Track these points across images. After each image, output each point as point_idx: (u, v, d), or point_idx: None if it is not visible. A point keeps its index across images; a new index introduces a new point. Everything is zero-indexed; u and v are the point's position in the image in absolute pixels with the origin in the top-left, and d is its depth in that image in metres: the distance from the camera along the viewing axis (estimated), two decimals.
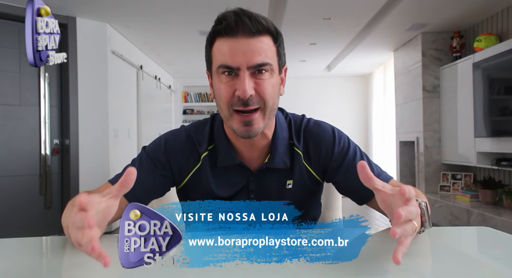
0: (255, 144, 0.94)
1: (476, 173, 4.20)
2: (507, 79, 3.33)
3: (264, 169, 0.95)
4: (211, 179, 0.95)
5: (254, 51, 0.83)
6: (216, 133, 0.97)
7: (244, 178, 0.95)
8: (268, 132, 0.94)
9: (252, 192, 0.95)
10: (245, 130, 0.86)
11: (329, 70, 6.96)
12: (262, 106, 0.86)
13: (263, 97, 0.85)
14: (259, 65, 0.83)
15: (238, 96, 0.83)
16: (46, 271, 0.72)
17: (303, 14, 3.89)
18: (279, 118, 0.98)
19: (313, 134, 0.98)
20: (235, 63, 0.83)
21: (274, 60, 0.87)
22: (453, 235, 0.91)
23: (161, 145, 0.97)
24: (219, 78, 0.86)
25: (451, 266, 0.68)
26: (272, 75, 0.87)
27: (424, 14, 3.86)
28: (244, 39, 0.83)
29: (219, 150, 0.95)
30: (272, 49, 0.87)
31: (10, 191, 3.43)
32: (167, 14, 3.87)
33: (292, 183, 0.97)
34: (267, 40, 0.86)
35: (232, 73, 0.84)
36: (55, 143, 3.74)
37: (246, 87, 0.82)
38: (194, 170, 0.96)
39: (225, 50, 0.84)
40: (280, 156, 0.95)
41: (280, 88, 0.92)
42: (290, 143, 0.98)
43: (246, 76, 0.83)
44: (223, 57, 0.84)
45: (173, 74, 7.38)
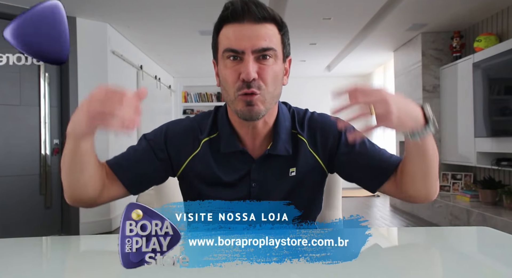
0: (258, 131, 0.95)
1: (476, 173, 4.20)
2: (507, 79, 3.33)
3: (266, 155, 0.95)
4: (213, 164, 0.95)
5: (259, 36, 0.86)
6: (220, 122, 0.98)
7: (246, 165, 0.96)
8: (269, 119, 0.96)
9: (254, 180, 0.95)
10: (247, 110, 0.87)
11: (329, 70, 6.96)
12: (263, 92, 0.87)
13: (265, 83, 0.87)
14: (264, 49, 0.85)
15: (242, 79, 0.85)
16: (46, 271, 0.72)
17: (303, 14, 3.89)
18: (282, 108, 0.99)
19: (319, 123, 1.00)
20: (240, 47, 0.85)
21: (279, 47, 0.89)
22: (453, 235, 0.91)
23: (162, 129, 0.99)
24: (225, 63, 0.88)
25: (451, 266, 0.68)
26: (276, 62, 0.89)
27: (424, 14, 3.86)
28: (250, 25, 0.86)
29: (222, 137, 0.96)
30: (277, 36, 0.89)
31: (10, 191, 3.43)
32: (167, 14, 3.87)
33: (295, 171, 0.97)
34: (272, 27, 0.88)
35: (238, 58, 0.86)
36: (55, 143, 3.74)
37: (250, 69, 0.84)
38: (193, 155, 0.96)
39: (231, 34, 0.87)
40: (283, 143, 0.96)
41: (284, 78, 0.94)
42: (293, 132, 0.99)
43: (250, 59, 0.85)
44: (228, 42, 0.87)
45: (173, 74, 7.38)
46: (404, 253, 0.74)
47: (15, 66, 3.46)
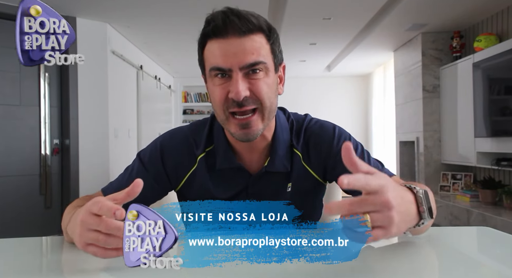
0: (255, 146, 0.92)
1: (476, 173, 4.20)
2: (507, 79, 3.33)
3: (263, 172, 0.92)
4: (208, 181, 0.93)
5: (246, 51, 0.80)
6: (216, 134, 0.95)
7: (243, 181, 0.93)
8: (267, 134, 0.92)
9: (251, 195, 0.93)
10: (243, 133, 0.84)
11: (329, 70, 6.96)
12: (259, 107, 0.83)
13: (259, 97, 0.82)
14: (251, 64, 0.80)
15: (232, 98, 0.81)
16: (46, 271, 0.72)
17: (303, 14, 3.89)
18: (280, 118, 0.95)
19: (314, 134, 0.95)
20: (226, 65, 0.80)
21: (269, 58, 0.84)
22: (453, 235, 0.91)
23: (156, 148, 0.95)
24: (213, 81, 0.84)
25: (451, 266, 0.68)
26: (267, 74, 0.83)
27: (424, 14, 3.86)
28: (234, 39, 0.80)
29: (218, 152, 0.93)
30: (266, 47, 0.83)
31: (10, 191, 3.43)
32: (167, 14, 3.87)
33: (291, 186, 0.94)
34: (259, 38, 0.82)
35: (226, 75, 0.82)
36: (55, 143, 3.74)
37: (239, 88, 0.79)
38: (190, 172, 0.94)
39: (216, 51, 0.81)
40: (280, 160, 0.92)
41: (279, 87, 0.90)
42: (291, 145, 0.95)
43: (239, 77, 0.80)
44: (214, 59, 0.82)
45: (173, 74, 7.38)
46: (404, 253, 0.74)
47: (15, 66, 3.48)
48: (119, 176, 0.97)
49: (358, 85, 7.74)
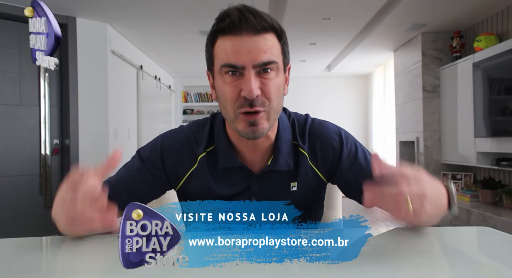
0: (258, 145, 0.92)
1: (476, 173, 4.20)
2: (507, 79, 3.33)
3: (267, 171, 0.92)
4: (210, 180, 0.93)
5: (260, 49, 0.80)
6: (217, 134, 0.94)
7: (246, 180, 0.93)
8: (271, 133, 0.92)
9: (254, 194, 0.93)
10: (250, 131, 0.83)
11: (329, 70, 6.96)
12: (267, 108, 0.83)
13: (268, 98, 0.82)
14: (265, 63, 0.80)
15: (244, 96, 0.80)
16: (46, 271, 0.72)
17: (303, 14, 3.89)
18: (281, 118, 0.95)
19: (319, 136, 0.96)
20: (239, 62, 0.80)
21: (280, 58, 0.84)
22: (453, 235, 0.91)
23: (157, 145, 0.95)
24: (223, 79, 0.83)
25: (451, 266, 0.68)
26: (278, 74, 0.84)
27: (424, 14, 3.86)
28: (248, 37, 0.80)
29: (220, 151, 0.93)
30: (277, 47, 0.84)
31: (10, 191, 3.43)
32: (167, 14, 3.87)
33: (296, 185, 0.94)
34: (271, 38, 0.82)
35: (237, 73, 0.81)
36: (55, 143, 3.74)
37: (252, 86, 0.79)
38: (190, 171, 0.94)
39: (229, 48, 0.80)
40: (284, 158, 0.92)
41: (285, 88, 0.90)
42: (294, 144, 0.95)
43: (251, 75, 0.79)
44: (226, 56, 0.81)
45: (173, 74, 7.38)
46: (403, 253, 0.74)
47: (15, 66, 3.47)
48: (117, 172, 0.97)
49: (358, 85, 7.74)
